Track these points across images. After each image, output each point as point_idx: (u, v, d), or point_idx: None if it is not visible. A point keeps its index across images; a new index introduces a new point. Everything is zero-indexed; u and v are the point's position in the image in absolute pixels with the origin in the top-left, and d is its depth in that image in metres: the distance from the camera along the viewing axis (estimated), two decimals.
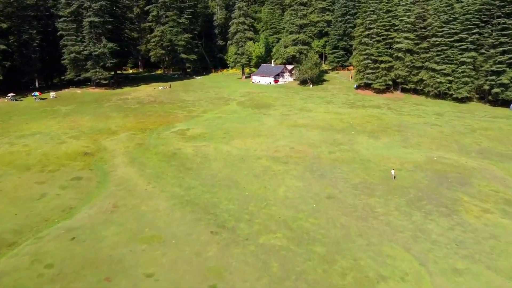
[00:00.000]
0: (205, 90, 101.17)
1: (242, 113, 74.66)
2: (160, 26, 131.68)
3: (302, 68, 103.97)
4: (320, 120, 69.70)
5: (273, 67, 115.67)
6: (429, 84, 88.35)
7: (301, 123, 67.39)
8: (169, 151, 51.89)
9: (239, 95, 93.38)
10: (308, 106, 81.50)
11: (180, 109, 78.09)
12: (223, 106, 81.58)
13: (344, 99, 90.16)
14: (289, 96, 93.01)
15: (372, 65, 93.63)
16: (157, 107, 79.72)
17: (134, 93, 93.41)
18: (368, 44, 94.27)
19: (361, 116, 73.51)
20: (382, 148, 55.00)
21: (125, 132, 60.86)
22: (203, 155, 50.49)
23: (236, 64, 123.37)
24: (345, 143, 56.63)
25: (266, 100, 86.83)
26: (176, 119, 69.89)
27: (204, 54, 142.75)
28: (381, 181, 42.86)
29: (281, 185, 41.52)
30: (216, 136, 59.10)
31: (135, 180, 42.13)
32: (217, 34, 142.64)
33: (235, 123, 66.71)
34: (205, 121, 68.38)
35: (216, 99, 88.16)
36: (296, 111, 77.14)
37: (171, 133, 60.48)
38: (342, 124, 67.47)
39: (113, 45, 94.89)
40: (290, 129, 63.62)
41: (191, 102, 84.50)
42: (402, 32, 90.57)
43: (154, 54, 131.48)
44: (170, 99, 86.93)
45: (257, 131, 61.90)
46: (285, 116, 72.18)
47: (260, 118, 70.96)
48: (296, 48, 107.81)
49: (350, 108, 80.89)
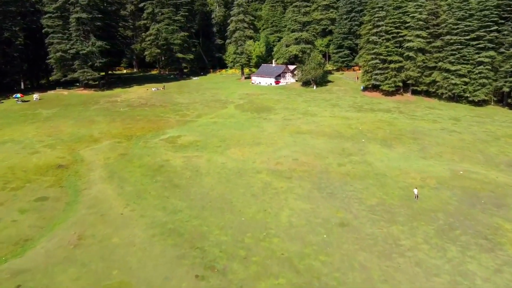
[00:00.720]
0: (202, 91, 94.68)
1: (240, 118, 68.13)
2: (155, 24, 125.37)
3: (305, 68, 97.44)
4: (326, 125, 63.13)
5: (274, 67, 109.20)
6: (443, 86, 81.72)
7: (305, 129, 60.84)
8: (155, 163, 45.34)
9: (238, 97, 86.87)
10: (312, 110, 74.95)
11: (172, 112, 71.56)
12: (219, 109, 75.05)
13: (351, 101, 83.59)
14: (291, 98, 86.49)
15: (380, 65, 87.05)
16: (147, 110, 73.21)
17: (124, 95, 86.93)
18: (376, 43, 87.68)
19: (370, 121, 66.95)
20: (398, 159, 48.42)
21: (109, 139, 54.33)
22: (194, 168, 43.95)
23: (235, 64, 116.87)
24: (356, 153, 50.07)
25: (267, 103, 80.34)
26: (167, 124, 63.36)
27: (202, 54, 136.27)
28: (402, 202, 36.27)
29: (284, 207, 34.97)
30: (210, 145, 52.57)
31: (111, 200, 35.60)
32: (215, 32, 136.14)
33: (232, 129, 60.18)
34: (199, 127, 61.84)
35: (213, 102, 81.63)
36: (299, 115, 70.59)
37: (160, 141, 53.95)
38: (350, 130, 60.88)
39: (103, 43, 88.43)
40: (293, 136, 57.08)
41: (185, 105, 77.98)
42: (414, 29, 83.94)
43: (149, 53, 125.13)
44: (162, 102, 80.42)
45: (257, 139, 55.37)
46: (287, 121, 65.64)
47: (260, 123, 64.43)
48: (298, 47, 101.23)
49: (358, 112, 74.32)
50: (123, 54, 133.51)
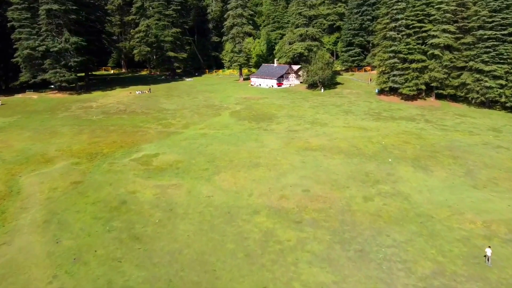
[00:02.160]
0: (193, 95, 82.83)
1: (235, 128, 56.22)
2: (145, 20, 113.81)
3: (311, 69, 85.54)
4: (341, 139, 51.21)
5: (276, 68, 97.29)
6: (474, 89, 69.70)
7: (315, 144, 48.93)
8: (116, 197, 33.49)
9: (234, 102, 75.01)
10: (322, 118, 63.04)
11: (154, 121, 59.69)
12: (212, 117, 63.16)
13: (366, 107, 71.65)
14: (296, 103, 74.58)
15: (400, 65, 75.08)
16: (125, 119, 61.36)
17: (103, 99, 75.15)
18: (395, 39, 75.70)
19: (394, 132, 55.04)
20: (442, 189, 36.46)
21: (65, 159, 42.49)
22: (168, 206, 32.08)
23: (233, 64, 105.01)
24: (384, 180, 38.14)
25: (268, 109, 68.45)
26: (145, 137, 51.48)
27: (197, 52, 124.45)
28: (470, 269, 24.31)
29: (294, 280, 23.04)
30: (194, 167, 40.71)
31: (32, 268, 23.72)
32: (211, 29, 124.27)
33: (224, 145, 48.29)
34: (184, 141, 49.95)
35: (205, 108, 69.76)
36: (306, 125, 58.69)
37: (130, 162, 42.06)
38: (371, 145, 48.95)
39: (78, 39, 76.64)
40: (300, 154, 45.19)
41: (171, 112, 66.11)
42: (440, 23, 71.94)
43: (137, 52, 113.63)
44: (145, 108, 68.58)
45: (255, 158, 43.48)
46: (292, 133, 53.73)
47: (260, 136, 52.53)
48: (304, 44, 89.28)
49: (376, 120, 62.37)
50: (108, 53, 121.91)
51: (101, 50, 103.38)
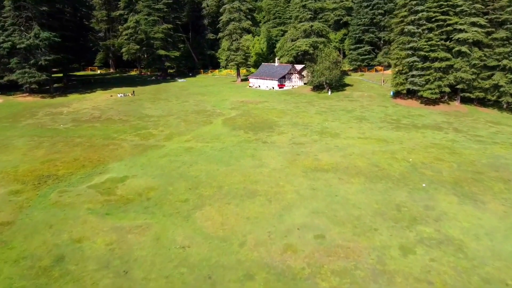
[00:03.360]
0: (184, 98, 73.14)
1: (228, 141, 46.42)
2: (134, 15, 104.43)
3: (317, 68, 75.78)
4: (358, 155, 41.41)
5: (278, 67, 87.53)
6: (508, 92, 59.92)
7: (327, 162, 39.15)
8: (53, 249, 23.71)
9: (229, 107, 65.28)
10: (332, 127, 53.27)
11: (132, 132, 49.92)
12: (201, 126, 53.40)
13: (381, 113, 61.88)
14: (301, 108, 64.79)
15: (420, 65, 65.27)
16: (97, 128, 51.60)
17: (77, 103, 65.41)
18: (414, 34, 65.88)
19: (421, 145, 45.25)
20: (505, 232, 26.64)
21: (3, 186, 32.68)
22: (123, 266, 22.29)
23: (229, 63, 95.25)
24: (423, 217, 28.33)
25: (268, 116, 58.70)
26: (115, 153, 41.71)
27: (191, 51, 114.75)
28: None
29: None
30: (171, 198, 30.95)
31: None
32: (207, 25, 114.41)
33: (213, 163, 38.50)
34: (163, 159, 40.16)
35: (194, 114, 60.00)
36: (314, 135, 48.89)
37: (88, 190, 32.29)
38: (397, 163, 39.17)
39: (51, 35, 66.89)
40: (309, 176, 35.41)
41: (154, 120, 56.35)
42: (467, 15, 62.15)
43: (126, 50, 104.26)
44: (124, 114, 58.82)
45: (251, 183, 33.73)
46: (298, 147, 43.91)
47: (258, 150, 42.72)
48: (308, 40, 79.49)
49: (397, 129, 52.61)
50: (94, 51, 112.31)
51: (83, 47, 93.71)
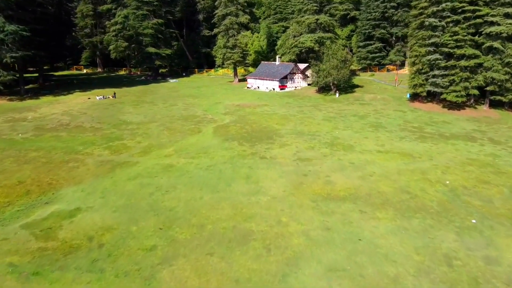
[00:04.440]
0: (172, 101, 64.54)
1: (218, 156, 37.65)
2: (122, 10, 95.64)
3: (324, 68, 67.11)
4: (381, 175, 32.67)
5: (278, 66, 78.85)
6: None
7: (343, 186, 30.41)
8: None
9: (223, 112, 56.68)
10: (344, 136, 44.55)
11: (102, 143, 41.21)
12: (188, 135, 44.68)
13: (400, 119, 53.20)
14: (306, 113, 56.13)
15: (443, 63, 56.60)
16: (62, 138, 42.89)
17: (47, 107, 56.82)
18: (436, 28, 57.20)
19: (456, 162, 36.51)
20: None
21: None
22: None
23: (225, 62, 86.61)
24: (488, 279, 19.58)
25: (267, 122, 50.01)
26: (74, 173, 33.00)
27: (185, 49, 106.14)
28: None
29: None
30: (132, 244, 22.23)
31: None
32: (201, 21, 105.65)
33: (196, 189, 29.76)
34: (133, 182, 31.42)
35: (181, 121, 51.35)
36: (323, 148, 40.15)
37: (19, 231, 23.59)
38: (431, 188, 30.43)
39: (18, 28, 58.29)
40: (320, 208, 26.67)
41: (132, 127, 47.66)
42: (500, 5, 53.48)
43: (114, 48, 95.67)
44: (98, 120, 50.14)
45: (244, 220, 25.02)
46: (304, 165, 35.15)
47: (254, 170, 33.96)
48: (314, 36, 70.84)
49: (422, 140, 43.87)
50: (79, 49, 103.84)
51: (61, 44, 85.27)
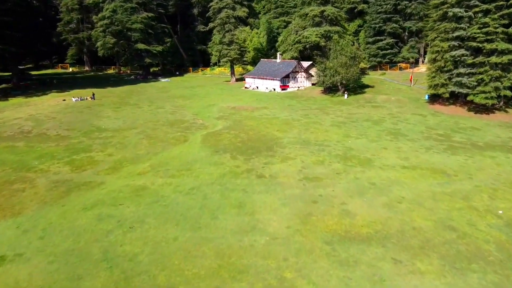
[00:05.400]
0: (159, 103, 57.12)
1: (204, 174, 30.03)
2: (110, 3, 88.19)
3: (331, 65, 59.61)
4: (412, 201, 25.05)
5: (280, 65, 71.37)
6: None
7: (364, 219, 22.77)
8: None
9: (216, 116, 49.19)
10: (358, 147, 36.96)
11: (64, 156, 33.66)
12: (170, 146, 37.11)
13: (420, 125, 45.61)
14: (312, 118, 48.60)
15: (470, 60, 49.08)
16: (16, 149, 35.38)
17: (12, 111, 49.35)
18: (461, 19, 49.69)
19: (505, 182, 28.78)
20: None
21: None
22: None
23: (222, 59, 79.17)
24: None
25: (267, 129, 42.47)
26: (14, 199, 25.42)
27: (178, 46, 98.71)
28: None
29: None
30: None
31: None
32: (196, 15, 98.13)
33: (170, 225, 22.18)
34: (88, 212, 23.85)
35: (166, 127, 43.83)
36: (335, 163, 32.52)
37: None
38: (483, 222, 22.75)
39: None
40: (337, 256, 19.05)
41: (106, 135, 40.13)
42: None
43: (101, 44, 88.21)
44: (68, 126, 42.62)
45: (231, 276, 17.42)
46: (313, 187, 27.49)
47: (249, 194, 26.30)
48: (319, 30, 63.35)
49: (452, 151, 36.27)
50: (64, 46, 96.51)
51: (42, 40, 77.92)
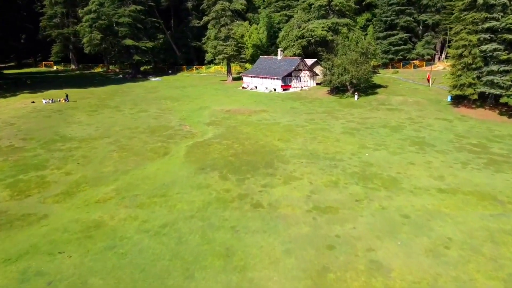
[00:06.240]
0: (144, 105, 50.04)
1: (182, 203, 22.81)
2: None
3: (339, 62, 52.47)
4: (463, 247, 17.74)
5: (281, 62, 64.21)
6: None
7: (402, 276, 15.47)
8: None
9: (207, 121, 42.08)
10: (379, 161, 29.69)
11: (7, 176, 26.40)
12: (145, 162, 29.88)
13: (448, 132, 38.38)
14: (318, 123, 41.43)
15: (504, 55, 41.90)
16: None
17: None
18: (492, 8, 42.51)
19: None
20: None
21: None
22: None
23: (217, 56, 72.06)
24: None
25: (266, 138, 35.28)
26: None
27: (171, 42, 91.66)
28: None
29: None
30: None
31: None
32: (191, 9, 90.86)
33: (121, 286, 15.15)
34: (11, 266, 16.78)
35: (146, 134, 36.68)
36: (353, 184, 25.25)
37: None
38: None
39: None
40: None
41: (70, 147, 32.95)
42: None
43: (88, 40, 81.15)
44: (25, 135, 35.48)
45: None
46: (326, 221, 20.29)
47: (239, 235, 19.04)
48: (326, 22, 56.23)
49: (494, 166, 28.93)
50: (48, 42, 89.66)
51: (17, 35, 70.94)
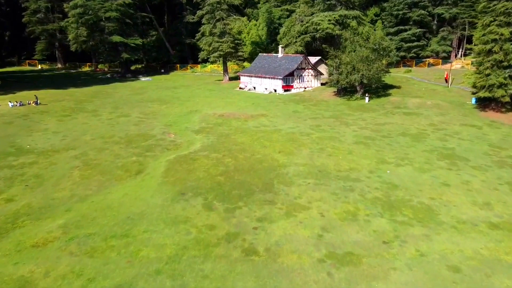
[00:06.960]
0: (126, 109, 43.95)
1: (149, 249, 16.79)
2: None
3: (347, 60, 46.36)
4: None
5: (282, 60, 58.07)
6: None
7: None
8: None
9: (196, 128, 36.00)
10: (404, 182, 23.60)
11: None
12: (112, 183, 23.81)
13: (481, 142, 32.24)
14: (326, 130, 35.32)
15: None
16: None
17: None
18: None
19: None
20: None
21: None
22: None
23: (212, 54, 65.96)
24: None
25: (264, 149, 29.18)
26: None
27: (164, 40, 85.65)
28: None
29: None
30: None
31: None
32: (184, 4, 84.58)
33: None
34: None
35: (120, 146, 30.58)
36: (377, 216, 19.18)
37: None
38: None
39: None
40: None
41: (24, 162, 26.89)
42: None
43: (74, 37, 75.37)
44: None
45: None
46: (346, 280, 14.36)
47: None
48: (333, 15, 50.14)
49: None
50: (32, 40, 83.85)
51: None
